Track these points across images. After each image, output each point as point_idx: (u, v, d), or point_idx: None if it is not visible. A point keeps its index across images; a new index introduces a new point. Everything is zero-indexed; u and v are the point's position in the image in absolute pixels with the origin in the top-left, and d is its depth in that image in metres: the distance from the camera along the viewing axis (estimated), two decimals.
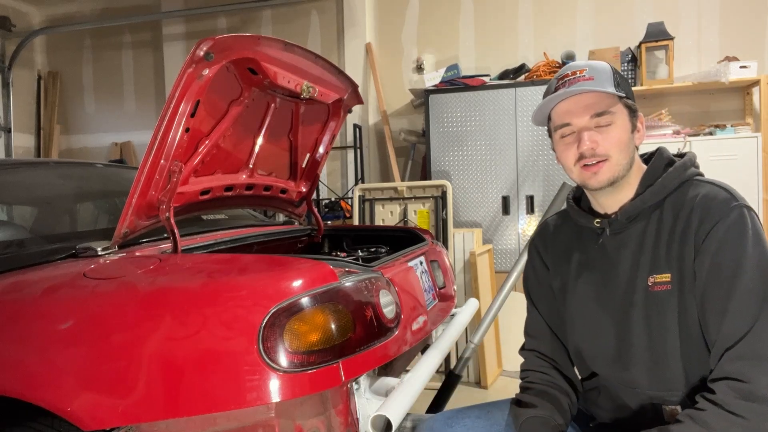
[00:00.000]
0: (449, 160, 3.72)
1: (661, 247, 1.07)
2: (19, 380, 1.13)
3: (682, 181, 1.09)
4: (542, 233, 1.31)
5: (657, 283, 1.06)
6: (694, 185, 1.08)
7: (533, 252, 1.32)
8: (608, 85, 1.07)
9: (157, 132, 1.35)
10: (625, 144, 1.08)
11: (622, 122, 1.09)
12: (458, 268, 3.24)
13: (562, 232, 1.27)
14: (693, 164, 1.13)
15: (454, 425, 1.21)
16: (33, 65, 5.53)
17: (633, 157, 1.12)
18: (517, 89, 3.61)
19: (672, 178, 1.09)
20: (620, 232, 1.13)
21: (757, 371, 0.92)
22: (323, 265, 1.21)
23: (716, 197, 1.03)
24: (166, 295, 1.14)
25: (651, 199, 1.09)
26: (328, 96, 1.83)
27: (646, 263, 1.08)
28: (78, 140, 5.53)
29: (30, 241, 1.64)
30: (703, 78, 3.65)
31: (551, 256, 1.27)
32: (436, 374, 2.77)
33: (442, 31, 4.41)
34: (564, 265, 1.23)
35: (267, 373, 1.05)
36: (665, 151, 1.16)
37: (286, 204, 2.12)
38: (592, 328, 1.17)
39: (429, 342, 1.94)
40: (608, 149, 1.07)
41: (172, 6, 5.03)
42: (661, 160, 1.14)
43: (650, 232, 1.09)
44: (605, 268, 1.15)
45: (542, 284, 1.28)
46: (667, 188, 1.09)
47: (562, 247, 1.25)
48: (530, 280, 1.32)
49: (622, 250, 1.12)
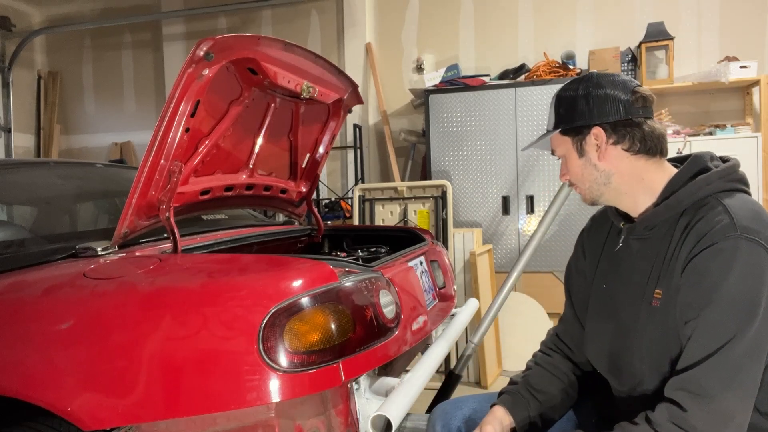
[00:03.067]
0: (449, 160, 3.72)
1: (666, 261, 1.05)
2: (19, 380, 1.13)
3: (698, 198, 1.03)
4: (590, 224, 1.33)
5: (655, 297, 1.06)
6: (709, 206, 1.01)
7: (580, 238, 1.34)
8: (549, 125, 1.17)
9: (157, 132, 1.35)
10: (578, 172, 1.14)
11: (567, 154, 1.15)
12: (458, 268, 3.24)
13: (603, 225, 1.28)
14: (724, 176, 1.05)
15: (463, 407, 1.28)
16: (33, 65, 5.53)
17: (603, 174, 1.11)
18: (517, 89, 3.60)
19: (688, 195, 1.04)
20: (639, 238, 1.11)
21: (695, 404, 0.92)
22: (323, 265, 1.21)
23: (717, 224, 0.97)
24: (166, 295, 1.14)
25: (666, 212, 1.06)
26: (328, 96, 1.83)
27: (654, 274, 1.08)
28: (78, 140, 5.53)
29: (30, 241, 1.64)
30: (703, 78, 3.64)
31: (590, 245, 1.29)
32: (436, 374, 2.77)
33: (442, 31, 4.41)
34: (596, 258, 1.25)
35: (267, 373, 1.04)
36: (700, 160, 1.08)
37: (286, 204, 2.12)
38: (598, 324, 1.19)
39: (429, 342, 1.94)
40: (573, 178, 1.17)
41: (172, 6, 5.03)
42: (689, 170, 1.08)
43: (663, 245, 1.07)
44: (622, 270, 1.15)
45: (579, 272, 1.30)
46: (682, 204, 1.04)
47: (599, 240, 1.26)
48: (571, 266, 1.34)
49: (638, 258, 1.11)
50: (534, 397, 1.21)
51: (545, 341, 1.35)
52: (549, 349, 1.31)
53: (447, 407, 1.30)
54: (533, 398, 1.20)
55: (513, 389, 1.23)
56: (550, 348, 1.32)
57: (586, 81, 1.11)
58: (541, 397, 1.21)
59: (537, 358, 1.31)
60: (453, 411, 1.27)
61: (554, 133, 1.15)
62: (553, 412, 1.22)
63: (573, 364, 1.28)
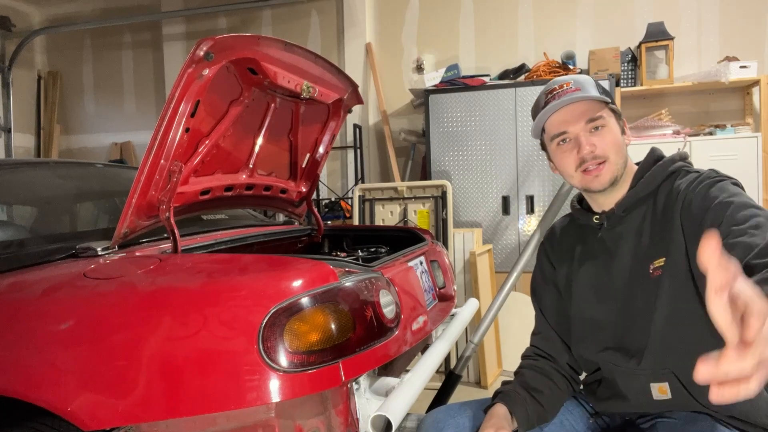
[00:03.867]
0: (449, 160, 3.72)
1: (657, 233, 1.12)
2: (19, 380, 1.13)
3: (671, 172, 1.15)
4: (550, 236, 1.38)
5: (655, 268, 1.10)
6: (682, 174, 1.14)
7: (541, 253, 1.38)
8: (594, 93, 1.15)
9: (157, 132, 1.35)
10: (619, 145, 1.15)
11: (613, 125, 1.16)
12: (458, 268, 3.24)
13: (567, 233, 1.33)
14: (681, 158, 1.18)
15: (457, 416, 1.25)
16: (33, 65, 5.53)
17: (626, 157, 1.18)
18: (517, 89, 3.60)
19: (661, 170, 1.15)
20: (618, 224, 1.18)
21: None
22: (323, 265, 1.21)
23: (699, 174, 1.09)
24: (166, 295, 1.14)
25: (643, 189, 1.15)
26: (328, 96, 1.82)
27: (645, 251, 1.13)
28: (78, 140, 5.53)
29: (30, 241, 1.63)
30: (703, 78, 3.64)
31: (557, 255, 1.33)
32: (436, 374, 2.77)
33: (442, 31, 4.41)
34: (568, 261, 1.29)
35: (267, 373, 1.04)
36: (656, 150, 1.22)
37: (286, 204, 2.12)
38: (593, 317, 1.21)
39: (429, 342, 1.94)
40: (606, 150, 1.14)
41: (172, 6, 5.03)
42: (652, 156, 1.20)
43: (646, 221, 1.14)
44: (605, 258, 1.20)
45: (548, 283, 1.34)
46: (657, 179, 1.15)
47: (567, 246, 1.31)
48: (537, 280, 1.38)
49: (621, 242, 1.17)
50: (531, 396, 1.22)
51: (526, 354, 1.36)
52: (533, 357, 1.33)
53: (439, 416, 1.27)
54: (530, 396, 1.21)
55: (509, 389, 1.24)
56: (533, 357, 1.33)
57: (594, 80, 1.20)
58: (537, 396, 1.22)
59: (524, 365, 1.32)
60: (445, 419, 1.25)
61: (600, 101, 1.15)
62: (547, 411, 1.23)
63: (557, 369, 1.30)
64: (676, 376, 1.10)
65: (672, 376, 1.10)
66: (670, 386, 1.11)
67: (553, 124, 1.17)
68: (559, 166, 1.20)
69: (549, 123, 1.18)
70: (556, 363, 1.30)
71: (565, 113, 1.15)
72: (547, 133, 1.20)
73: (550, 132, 1.18)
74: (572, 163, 1.16)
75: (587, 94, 1.14)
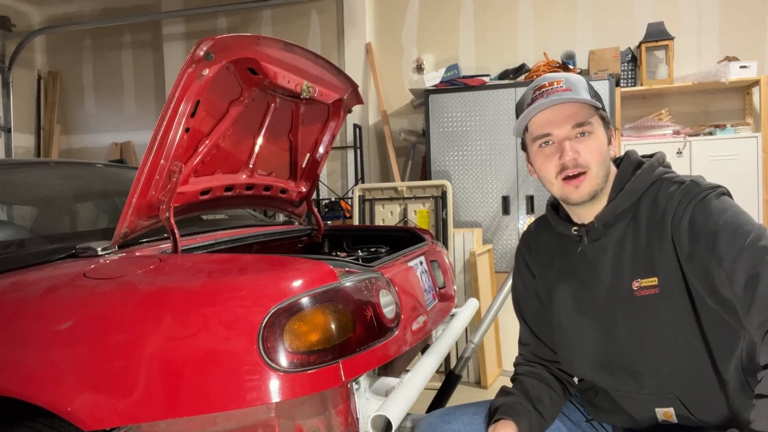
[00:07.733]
0: (449, 160, 3.72)
1: (641, 250, 1.06)
2: (19, 380, 1.13)
3: (651, 182, 1.09)
4: (526, 241, 1.31)
5: (643, 288, 1.05)
6: (665, 184, 1.08)
7: (520, 260, 1.32)
8: (586, 97, 1.07)
9: (157, 132, 1.35)
10: (603, 155, 1.09)
11: (600, 134, 1.09)
12: (458, 268, 3.24)
13: (544, 239, 1.26)
14: (661, 163, 1.12)
15: (452, 422, 1.22)
16: (33, 65, 5.52)
17: (609, 169, 1.12)
18: (517, 89, 3.60)
19: (641, 180, 1.09)
20: (599, 238, 1.12)
21: None
22: (323, 265, 1.21)
23: (684, 192, 1.03)
24: (166, 295, 1.14)
25: (623, 203, 1.09)
26: (328, 96, 1.82)
27: (628, 267, 1.08)
28: (78, 140, 5.53)
29: (30, 241, 1.64)
30: (703, 78, 3.64)
31: (536, 262, 1.27)
32: (436, 374, 2.77)
33: (442, 31, 4.41)
34: (548, 272, 1.24)
35: (267, 373, 1.04)
36: (633, 154, 1.16)
37: (286, 204, 2.12)
38: (575, 335, 1.17)
39: (429, 342, 1.94)
40: (588, 160, 1.07)
41: (172, 6, 5.03)
42: (629, 163, 1.13)
43: (628, 236, 1.09)
44: (586, 274, 1.15)
45: (529, 291, 1.29)
46: (638, 190, 1.09)
47: (545, 254, 1.25)
48: (518, 289, 1.32)
49: (602, 256, 1.12)
50: (534, 407, 1.18)
51: (519, 360, 1.32)
52: (528, 363, 1.29)
53: (434, 421, 1.24)
54: (533, 408, 1.18)
55: (513, 401, 1.19)
56: (529, 363, 1.29)
57: (587, 81, 1.12)
58: (539, 406, 1.19)
59: (521, 372, 1.28)
60: (440, 425, 1.22)
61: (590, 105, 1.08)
62: (548, 419, 1.21)
63: (554, 374, 1.26)
64: (681, 402, 1.07)
65: (677, 401, 1.07)
66: (675, 412, 1.08)
67: (537, 124, 1.10)
68: (539, 171, 1.13)
69: (533, 122, 1.10)
70: (550, 368, 1.26)
71: (551, 114, 1.08)
72: (529, 133, 1.12)
73: (533, 132, 1.11)
74: (553, 169, 1.09)
75: (578, 96, 1.06)
